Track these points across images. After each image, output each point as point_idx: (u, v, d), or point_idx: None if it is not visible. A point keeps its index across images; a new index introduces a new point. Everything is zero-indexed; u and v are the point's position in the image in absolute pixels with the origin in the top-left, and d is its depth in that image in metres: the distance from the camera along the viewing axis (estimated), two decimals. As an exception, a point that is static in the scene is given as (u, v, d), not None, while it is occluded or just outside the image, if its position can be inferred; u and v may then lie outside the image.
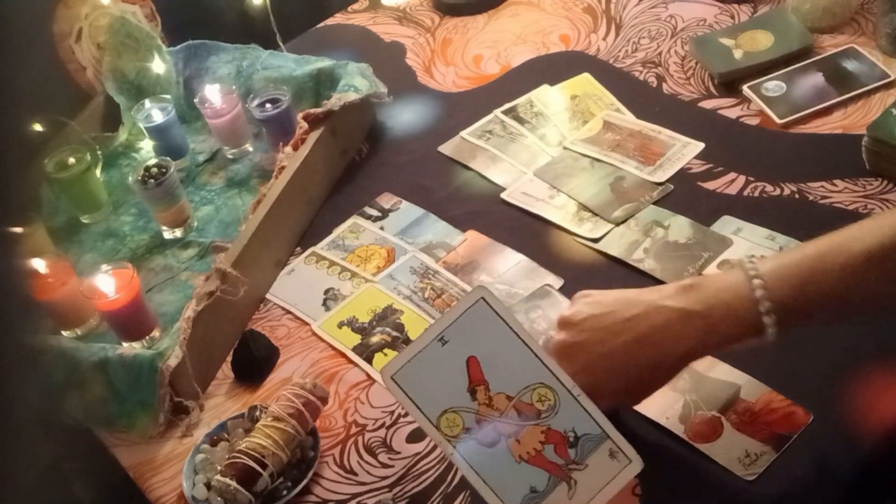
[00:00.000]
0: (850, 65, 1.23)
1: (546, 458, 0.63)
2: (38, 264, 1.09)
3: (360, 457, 0.93)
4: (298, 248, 1.20)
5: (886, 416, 0.85)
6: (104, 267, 1.06)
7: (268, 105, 1.31)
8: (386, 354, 1.02)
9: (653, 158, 1.18)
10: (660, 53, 1.37)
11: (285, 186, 1.16)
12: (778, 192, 1.10)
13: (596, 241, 1.09)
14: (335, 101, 1.25)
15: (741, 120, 1.22)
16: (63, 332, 1.11)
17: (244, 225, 1.13)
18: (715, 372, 0.91)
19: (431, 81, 1.45)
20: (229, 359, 1.05)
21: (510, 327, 0.59)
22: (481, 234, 1.15)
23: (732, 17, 1.40)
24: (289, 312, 1.11)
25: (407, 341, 1.03)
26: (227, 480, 0.87)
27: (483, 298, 0.59)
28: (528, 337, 0.60)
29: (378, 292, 1.10)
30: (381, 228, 1.19)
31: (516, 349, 0.59)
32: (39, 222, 1.22)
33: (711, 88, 1.29)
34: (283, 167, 1.19)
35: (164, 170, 1.20)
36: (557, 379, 0.63)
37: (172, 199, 1.21)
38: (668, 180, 1.15)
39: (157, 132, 1.34)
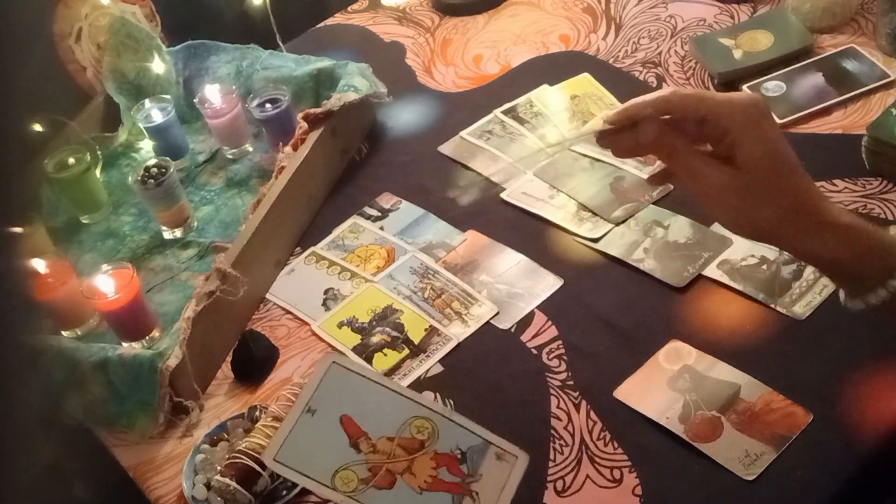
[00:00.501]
0: (849, 65, 1.23)
1: (444, 480, 0.66)
2: (38, 264, 1.09)
3: (360, 457, 0.93)
4: (298, 248, 1.20)
5: (886, 416, 0.85)
6: (104, 267, 1.06)
7: (268, 105, 1.31)
8: (386, 354, 1.02)
9: (652, 158, 1.18)
10: (660, 53, 1.38)
11: (285, 186, 1.16)
12: (778, 192, 1.10)
13: (596, 240, 1.09)
14: (335, 101, 1.25)
15: (741, 120, 1.22)
16: (63, 332, 1.11)
17: (244, 225, 1.13)
18: (715, 372, 0.91)
19: (431, 81, 1.45)
20: (229, 359, 1.05)
21: (369, 378, 0.63)
22: (481, 233, 1.15)
23: (732, 17, 1.40)
24: (289, 312, 1.11)
25: (406, 341, 1.03)
26: (227, 480, 0.87)
27: (334, 362, 0.63)
28: (388, 381, 0.64)
29: (378, 292, 1.10)
30: (381, 228, 1.19)
31: (381, 394, 0.62)
32: (39, 222, 1.22)
33: (711, 88, 1.29)
34: (282, 167, 1.19)
35: (163, 170, 1.20)
36: (427, 408, 0.66)
37: (172, 199, 1.21)
38: (667, 180, 1.15)
39: (157, 132, 1.34)
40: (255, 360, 1.03)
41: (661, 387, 0.91)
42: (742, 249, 1.03)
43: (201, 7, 1.66)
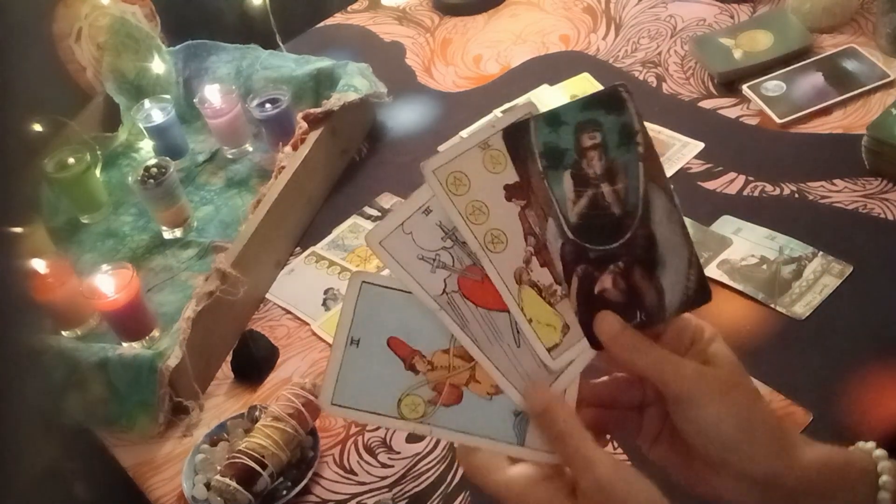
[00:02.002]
0: (849, 65, 1.23)
1: None
2: (38, 264, 1.09)
3: (360, 457, 0.93)
4: (298, 248, 1.20)
5: (886, 416, 0.85)
6: (104, 267, 1.06)
7: (267, 105, 1.31)
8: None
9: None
10: (659, 53, 1.38)
11: (285, 186, 1.16)
12: (778, 191, 1.10)
13: (596, 240, 1.09)
14: (335, 101, 1.25)
15: (741, 120, 1.22)
16: (63, 332, 1.11)
17: (244, 225, 1.13)
18: (715, 372, 0.91)
19: (431, 81, 1.45)
20: (229, 359, 1.05)
21: (405, 291, 0.57)
22: (481, 234, 1.15)
23: (732, 17, 1.40)
24: (288, 312, 1.11)
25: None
26: (227, 480, 0.87)
27: (364, 282, 0.57)
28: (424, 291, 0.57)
29: (378, 292, 1.10)
30: (381, 228, 1.19)
31: (423, 307, 0.57)
32: (39, 222, 1.22)
33: (711, 88, 1.29)
34: (282, 167, 1.19)
35: (163, 170, 1.20)
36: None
37: (172, 199, 1.21)
38: (667, 180, 1.15)
39: (157, 132, 1.34)
40: (255, 360, 1.03)
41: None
42: (742, 249, 1.03)
43: (201, 7, 1.66)
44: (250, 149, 1.36)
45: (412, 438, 0.94)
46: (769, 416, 0.56)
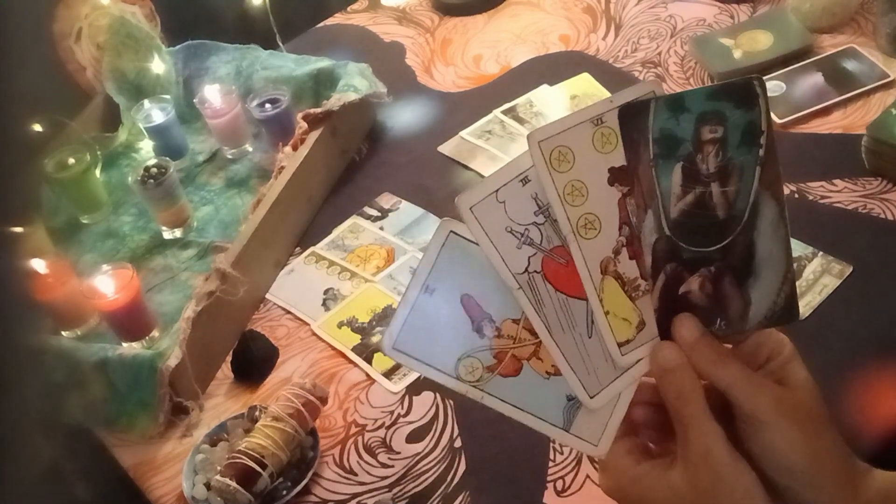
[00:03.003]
0: (849, 65, 1.23)
1: None
2: (38, 264, 1.09)
3: (360, 457, 0.93)
4: (298, 248, 1.20)
5: (886, 416, 0.85)
6: (104, 267, 1.06)
7: (267, 105, 1.31)
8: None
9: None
10: (659, 53, 1.38)
11: (285, 186, 1.16)
12: (778, 191, 1.10)
13: (596, 240, 1.09)
14: (335, 101, 1.25)
15: (741, 120, 1.22)
16: (63, 332, 1.11)
17: (244, 225, 1.13)
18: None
19: (431, 81, 1.45)
20: (229, 359, 1.05)
21: (487, 251, 0.55)
22: (481, 234, 1.15)
23: (732, 17, 1.40)
24: (288, 312, 1.11)
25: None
26: (227, 480, 0.87)
27: (452, 232, 0.55)
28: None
29: (378, 292, 1.10)
30: (381, 228, 1.19)
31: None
32: (39, 222, 1.22)
33: (711, 88, 1.28)
34: (282, 167, 1.19)
35: (163, 170, 1.20)
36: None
37: (172, 199, 1.21)
38: (667, 180, 1.15)
39: (157, 132, 1.34)
40: (255, 360, 1.03)
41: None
42: (742, 249, 1.03)
43: (201, 7, 1.66)
44: (250, 149, 1.36)
45: (412, 438, 0.94)
46: (839, 447, 0.55)
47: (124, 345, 1.06)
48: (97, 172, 1.31)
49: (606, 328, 0.55)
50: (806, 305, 0.95)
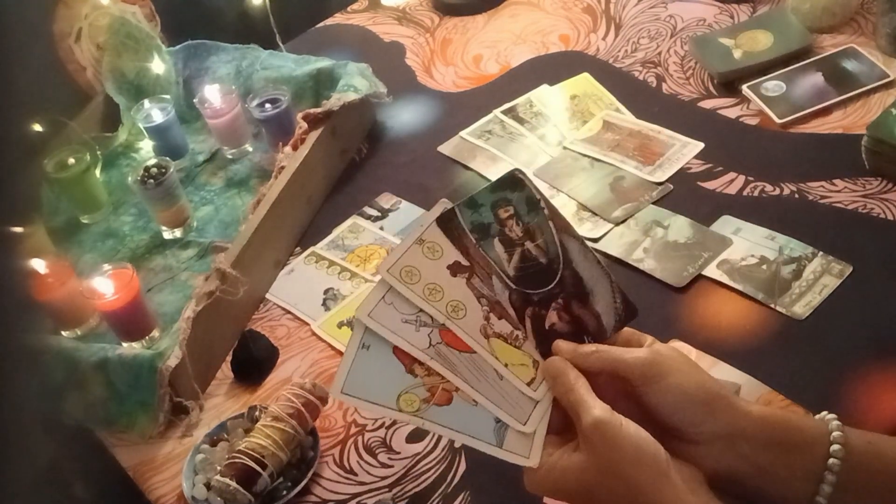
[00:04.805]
0: (849, 65, 1.23)
1: None
2: (38, 264, 1.09)
3: (360, 457, 0.93)
4: (298, 248, 1.20)
5: (886, 416, 0.85)
6: (104, 267, 1.06)
7: (267, 105, 1.31)
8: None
9: (652, 158, 1.18)
10: (659, 53, 1.38)
11: (285, 186, 1.16)
12: (777, 191, 1.10)
13: (595, 240, 1.09)
14: (335, 101, 1.25)
15: (741, 120, 1.22)
16: (63, 332, 1.11)
17: (244, 225, 1.13)
18: (715, 372, 0.91)
19: (431, 81, 1.45)
20: (229, 359, 1.05)
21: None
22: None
23: (732, 17, 1.40)
24: (288, 312, 1.11)
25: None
26: (227, 480, 0.87)
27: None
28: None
29: (378, 292, 1.10)
30: (381, 228, 1.19)
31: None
32: (39, 222, 1.22)
33: (711, 88, 1.29)
34: (282, 167, 1.19)
35: (163, 170, 1.20)
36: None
37: (172, 199, 1.21)
38: (667, 180, 1.15)
39: (157, 132, 1.34)
40: (255, 360, 1.03)
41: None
42: (742, 249, 1.03)
43: (201, 7, 1.66)
44: (250, 149, 1.36)
45: (412, 438, 0.94)
46: (703, 384, 0.65)
47: (124, 345, 1.06)
48: (97, 172, 1.31)
49: (512, 376, 0.68)
50: (806, 305, 0.95)
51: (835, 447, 0.62)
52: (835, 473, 0.61)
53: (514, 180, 0.72)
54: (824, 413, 0.66)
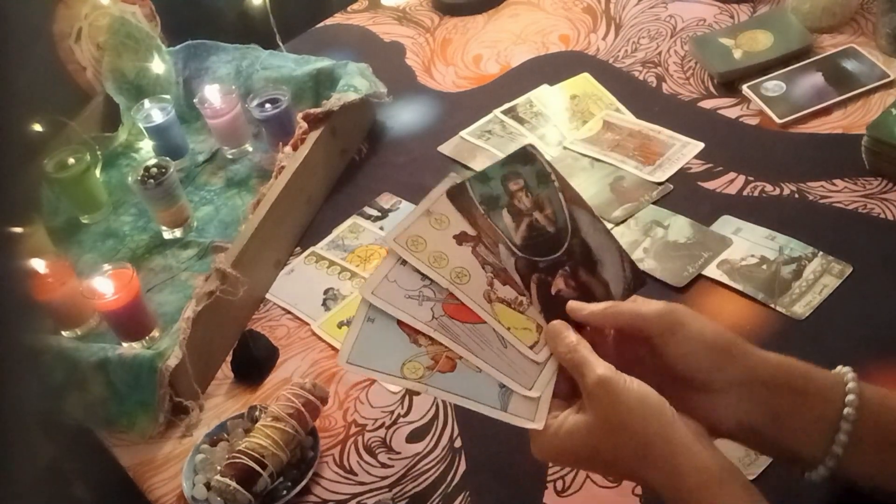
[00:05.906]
0: (849, 65, 1.23)
1: None
2: (38, 264, 1.09)
3: (360, 457, 0.93)
4: (298, 248, 1.20)
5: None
6: (104, 267, 1.06)
7: (267, 105, 1.31)
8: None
9: (652, 158, 1.18)
10: (659, 53, 1.38)
11: (285, 186, 1.16)
12: (778, 191, 1.10)
13: (596, 240, 1.09)
14: (335, 101, 1.25)
15: (741, 120, 1.22)
16: (63, 332, 1.11)
17: (244, 225, 1.13)
18: (715, 372, 0.91)
19: (431, 81, 1.45)
20: (229, 359, 1.05)
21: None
22: (481, 233, 1.15)
23: (732, 17, 1.40)
24: (288, 312, 1.11)
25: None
26: (227, 480, 0.87)
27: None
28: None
29: (378, 292, 1.10)
30: (381, 228, 1.19)
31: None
32: (39, 222, 1.22)
33: (711, 88, 1.29)
34: (282, 167, 1.19)
35: (163, 170, 1.20)
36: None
37: (172, 199, 1.21)
38: (667, 180, 1.15)
39: (157, 132, 1.34)
40: (255, 360, 1.03)
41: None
42: (742, 249, 1.03)
43: (201, 7, 1.66)
44: (250, 149, 1.36)
45: (412, 438, 0.94)
46: (720, 332, 0.66)
47: (124, 345, 1.06)
48: (97, 172, 1.31)
49: (515, 339, 0.69)
50: (806, 305, 0.95)
51: (850, 397, 0.63)
52: (850, 422, 0.62)
53: (525, 155, 0.73)
54: (840, 366, 0.67)
